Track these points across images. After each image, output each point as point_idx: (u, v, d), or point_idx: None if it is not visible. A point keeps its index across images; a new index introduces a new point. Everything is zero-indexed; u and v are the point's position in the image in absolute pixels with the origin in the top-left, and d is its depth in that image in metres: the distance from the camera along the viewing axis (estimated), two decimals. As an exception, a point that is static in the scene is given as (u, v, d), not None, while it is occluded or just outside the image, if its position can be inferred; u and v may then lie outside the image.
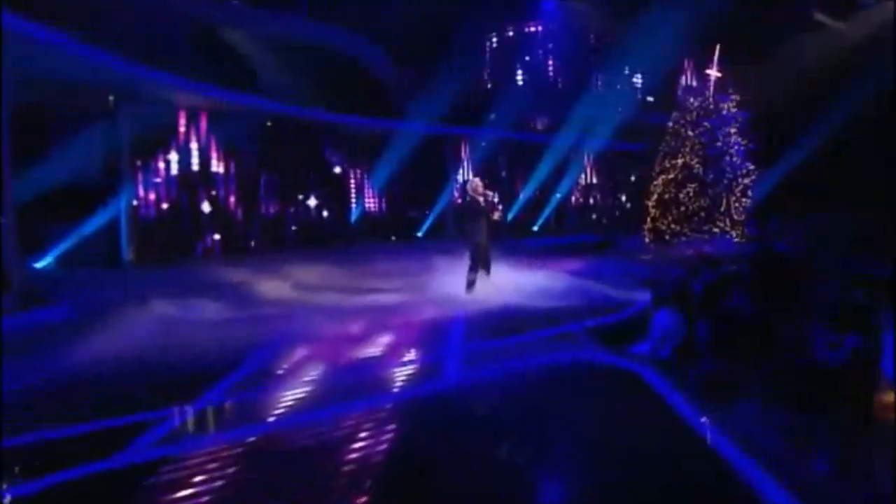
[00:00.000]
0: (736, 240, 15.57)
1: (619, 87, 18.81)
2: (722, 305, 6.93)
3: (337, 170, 17.71)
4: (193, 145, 14.62)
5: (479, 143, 18.31)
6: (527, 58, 19.09)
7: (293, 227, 16.67)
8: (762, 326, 6.37)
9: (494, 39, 18.97)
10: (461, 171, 19.46)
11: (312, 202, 17.23)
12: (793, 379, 5.39)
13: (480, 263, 9.42)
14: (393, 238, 18.57)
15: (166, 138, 14.05)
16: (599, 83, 18.96)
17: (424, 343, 6.41)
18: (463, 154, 19.31)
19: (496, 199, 9.17)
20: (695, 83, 16.68)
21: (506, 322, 7.38)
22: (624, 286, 10.47)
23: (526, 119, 18.11)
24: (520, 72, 19.19)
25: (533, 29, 19.19)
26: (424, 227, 18.75)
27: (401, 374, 5.24)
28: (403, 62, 17.58)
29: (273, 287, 9.55)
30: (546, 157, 19.03)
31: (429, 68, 16.61)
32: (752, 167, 15.65)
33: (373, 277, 10.56)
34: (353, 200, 18.72)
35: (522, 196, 19.69)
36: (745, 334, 6.31)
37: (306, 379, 5.10)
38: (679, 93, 17.42)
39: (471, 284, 9.47)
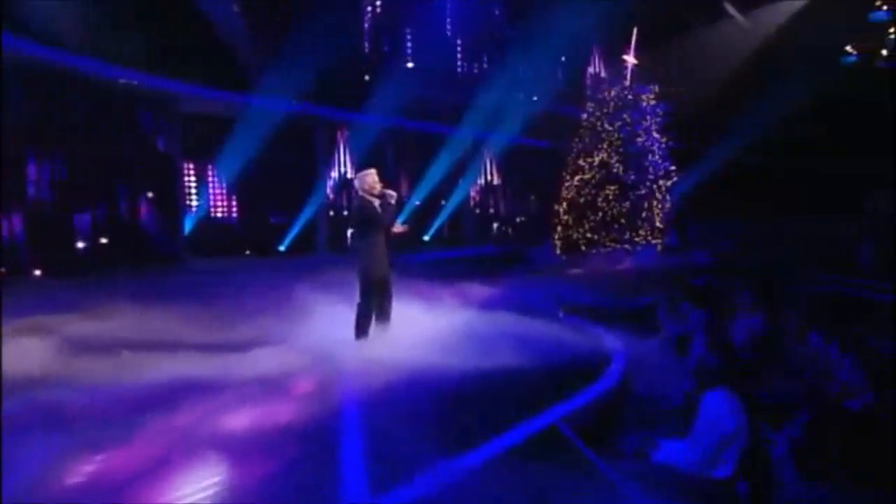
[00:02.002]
0: (658, 250, 14.29)
1: (524, 72, 16.93)
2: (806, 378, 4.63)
3: (163, 159, 13.41)
4: None
5: (358, 131, 15.29)
6: (419, 29, 16.52)
7: (86, 242, 11.81)
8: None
9: (379, 3, 16.12)
10: (336, 164, 16.25)
11: (123, 204, 12.53)
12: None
13: (376, 301, 6.45)
14: (247, 252, 14.94)
15: None
16: (503, 67, 17.00)
17: (293, 486, 3.36)
18: (340, 143, 16.11)
19: (394, 202, 6.43)
20: (609, 71, 15.28)
21: (432, 413, 4.54)
22: (567, 321, 8.20)
23: (415, 105, 15.46)
24: (409, 44, 16.51)
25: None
26: (289, 239, 15.33)
27: None
28: (260, 17, 14.02)
29: (25, 349, 5.73)
30: (439, 153, 16.64)
31: (294, 30, 13.26)
32: (672, 168, 14.55)
33: (207, 324, 7.11)
34: (190, 202, 14.66)
35: (411, 199, 17.14)
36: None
37: None
38: (591, 81, 16.21)
39: (363, 330, 6.54)
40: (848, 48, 17.46)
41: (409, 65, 15.60)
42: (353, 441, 4.00)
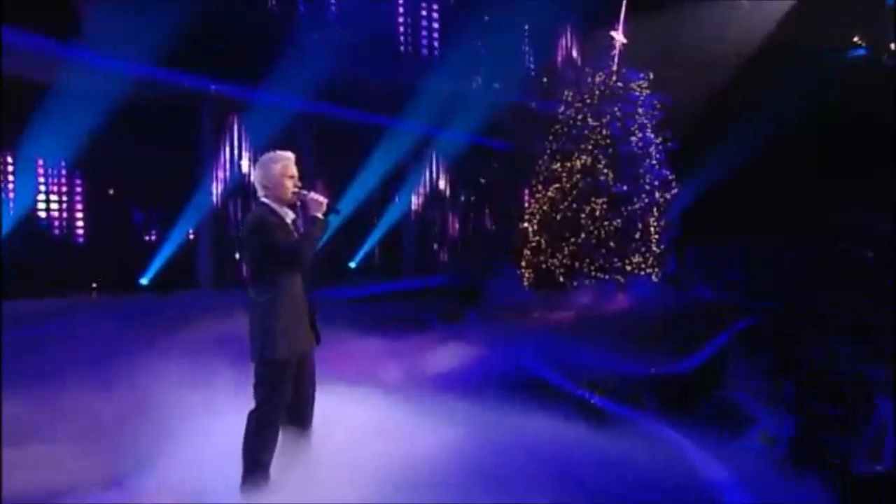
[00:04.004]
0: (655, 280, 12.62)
1: (484, 52, 15.30)
2: None
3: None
4: None
5: (260, 115, 12.78)
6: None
7: None
8: None
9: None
10: (228, 160, 13.55)
11: None
12: None
13: (286, 401, 3.79)
14: (93, 288, 11.86)
15: None
16: (457, 44, 15.13)
17: None
18: (235, 131, 13.33)
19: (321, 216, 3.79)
20: (591, 53, 14.63)
21: None
22: (588, 402, 5.91)
23: (340, 87, 13.27)
24: (333, 4, 14.04)
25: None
26: (155, 267, 12.43)
27: None
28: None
29: None
30: (371, 153, 14.69)
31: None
32: (671, 176, 12.88)
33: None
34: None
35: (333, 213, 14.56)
36: None
37: None
38: (569, 65, 14.65)
39: (259, 468, 3.76)
40: (856, 39, 16.67)
41: (333, 32, 13.26)
42: None
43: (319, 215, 3.74)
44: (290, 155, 3.88)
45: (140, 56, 10.51)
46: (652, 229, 12.41)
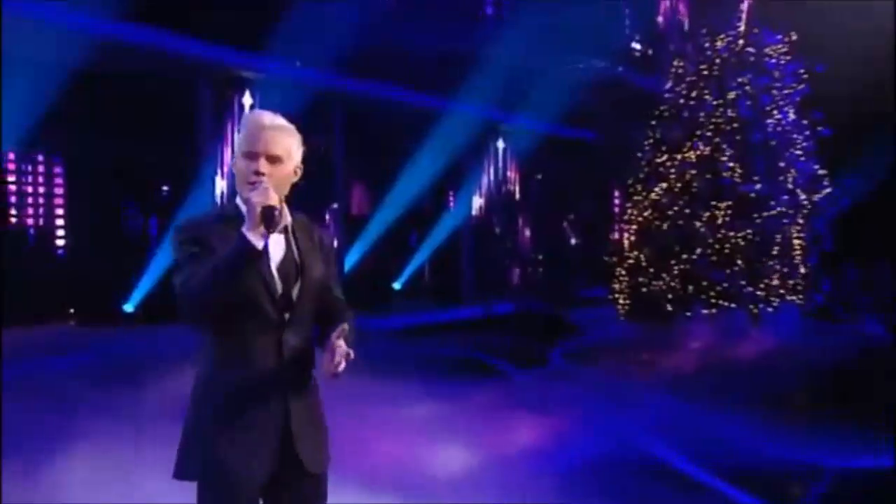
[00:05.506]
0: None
1: (563, 15, 14.55)
2: None
3: None
4: None
5: (275, 93, 12.34)
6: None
7: None
8: None
9: None
10: (232, 144, 13.00)
11: None
12: None
13: None
14: (72, 314, 11.25)
15: None
16: (529, 6, 14.60)
17: None
18: (243, 112, 12.76)
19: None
20: (708, 11, 12.98)
21: None
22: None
23: (378, 58, 12.89)
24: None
25: None
26: (143, 291, 11.69)
27: None
28: None
29: None
30: (420, 145, 14.36)
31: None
32: (821, 171, 11.83)
33: None
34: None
35: (371, 223, 14.85)
36: None
37: None
38: (675, 27, 14.34)
39: None
40: None
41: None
42: None
43: (245, 231, 2.02)
44: (262, 120, 2.33)
45: (115, 12, 9.63)
46: (795, 243, 11.51)
